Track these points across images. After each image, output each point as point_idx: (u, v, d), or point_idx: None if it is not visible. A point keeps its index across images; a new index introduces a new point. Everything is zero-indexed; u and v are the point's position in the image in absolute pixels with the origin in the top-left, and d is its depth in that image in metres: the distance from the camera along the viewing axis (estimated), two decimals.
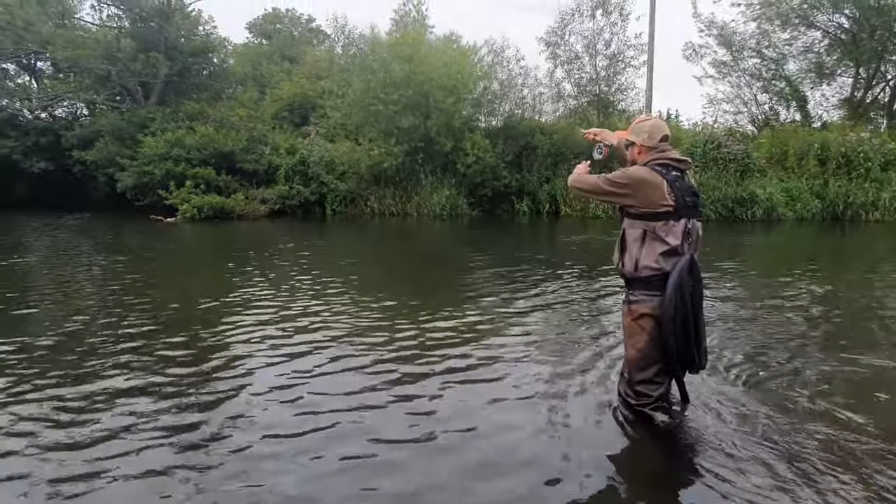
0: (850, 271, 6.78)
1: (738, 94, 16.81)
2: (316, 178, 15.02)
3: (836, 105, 16.42)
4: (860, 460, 2.17)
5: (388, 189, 14.53)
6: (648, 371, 2.43)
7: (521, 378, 3.07)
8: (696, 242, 2.37)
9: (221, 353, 3.52)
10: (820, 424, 2.45)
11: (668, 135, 2.37)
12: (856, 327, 4.15)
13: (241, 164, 14.87)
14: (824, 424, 2.44)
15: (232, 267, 6.84)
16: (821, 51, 15.63)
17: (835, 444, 2.28)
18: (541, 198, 13.66)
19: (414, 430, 2.47)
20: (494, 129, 14.23)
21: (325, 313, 4.45)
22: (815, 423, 2.46)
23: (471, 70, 14.12)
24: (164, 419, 2.55)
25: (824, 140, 13.08)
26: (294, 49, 23.86)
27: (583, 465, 2.19)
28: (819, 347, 3.63)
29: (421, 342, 3.70)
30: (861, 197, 12.40)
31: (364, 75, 14.22)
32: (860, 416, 2.53)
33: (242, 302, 4.89)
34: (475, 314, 4.41)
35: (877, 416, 2.53)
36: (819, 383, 2.96)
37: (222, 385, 2.96)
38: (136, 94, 16.49)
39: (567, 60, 13.35)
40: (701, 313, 2.40)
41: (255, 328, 4.03)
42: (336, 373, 3.16)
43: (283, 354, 3.44)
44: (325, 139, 15.94)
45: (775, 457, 2.19)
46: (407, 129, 13.37)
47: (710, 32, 16.40)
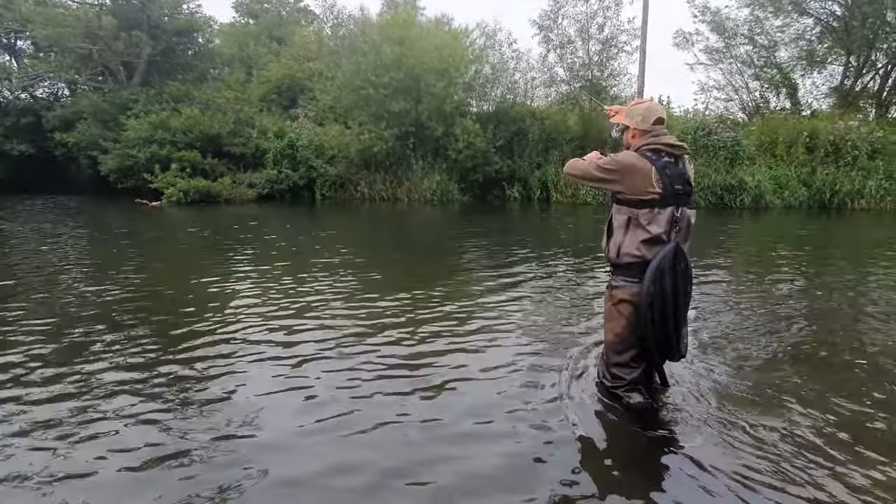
0: (833, 259, 6.85)
1: (730, 82, 16.82)
2: (305, 162, 14.81)
3: (825, 93, 16.51)
4: (836, 440, 2.20)
5: (378, 174, 14.39)
6: (624, 355, 2.47)
7: (504, 357, 3.09)
8: (686, 231, 2.34)
9: (209, 337, 3.46)
10: (795, 406, 2.47)
11: (662, 118, 2.32)
12: (835, 314, 4.19)
13: (228, 147, 14.63)
14: (800, 406, 2.47)
15: (219, 251, 6.75)
16: (812, 38, 15.64)
17: (810, 425, 2.31)
18: (532, 184, 13.62)
19: (394, 407, 2.47)
20: (486, 113, 14.10)
21: (313, 297, 4.40)
22: (790, 405, 2.49)
23: (462, 54, 13.92)
24: (153, 405, 2.50)
25: (813, 128, 13.15)
26: (282, 30, 23.32)
27: (558, 443, 2.23)
28: (798, 333, 3.66)
29: (412, 327, 3.67)
30: (847, 185, 12.51)
31: (354, 57, 13.97)
32: (839, 398, 2.56)
33: (228, 286, 4.81)
34: (464, 298, 4.39)
35: (854, 399, 2.57)
36: (796, 366, 2.99)
37: (212, 370, 2.91)
38: (118, 75, 16.06)
39: (560, 45, 13.21)
40: (684, 302, 2.37)
41: (243, 312, 3.98)
42: (325, 357, 3.12)
43: (272, 340, 3.40)
44: (314, 122, 15.70)
45: (753, 438, 2.21)
46: (397, 113, 13.19)
47: (704, 18, 16.32)
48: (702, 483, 1.97)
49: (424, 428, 2.34)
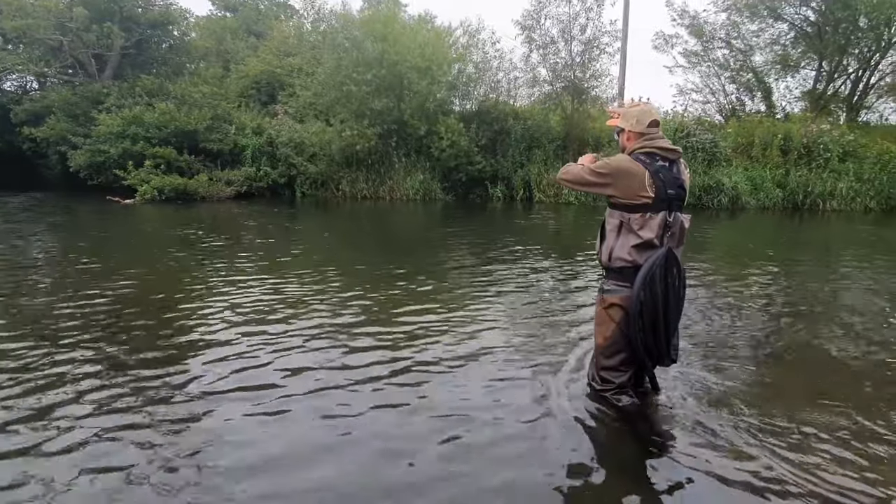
0: (807, 259, 7.01)
1: (707, 84, 17.14)
2: (284, 159, 14.54)
3: (798, 97, 16.94)
4: (824, 439, 2.21)
5: (360, 172, 14.21)
6: (614, 359, 2.48)
7: (489, 359, 3.07)
8: (679, 236, 2.33)
9: (184, 339, 3.33)
10: (782, 407, 2.49)
11: (657, 120, 2.31)
12: (815, 313, 4.26)
13: (205, 143, 14.24)
14: (786, 407, 2.49)
15: (194, 249, 6.55)
16: (786, 43, 16.03)
17: (799, 426, 2.32)
18: (515, 183, 13.63)
19: (383, 411, 2.42)
20: (468, 112, 14.05)
21: (294, 298, 4.29)
22: (777, 406, 2.50)
23: (446, 52, 13.83)
24: (127, 406, 2.38)
25: (787, 131, 13.46)
26: (261, 24, 22.85)
27: (546, 446, 2.22)
28: (782, 332, 3.72)
29: (394, 329, 3.60)
30: (819, 187, 12.84)
31: (335, 53, 13.74)
32: (824, 398, 2.59)
33: (205, 285, 4.67)
34: (447, 300, 4.33)
35: (841, 398, 2.60)
36: (782, 367, 3.02)
37: (186, 376, 2.79)
38: (89, 68, 15.50)
39: (542, 45, 13.22)
40: (676, 308, 2.37)
41: (220, 313, 3.85)
42: (305, 357, 3.03)
43: (251, 342, 3.29)
44: (294, 119, 15.41)
45: (743, 440, 2.22)
46: (380, 110, 13.03)
47: (682, 22, 16.59)
48: (692, 486, 1.97)
49: (408, 438, 2.28)
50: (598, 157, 2.46)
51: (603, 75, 13.62)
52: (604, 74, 13.68)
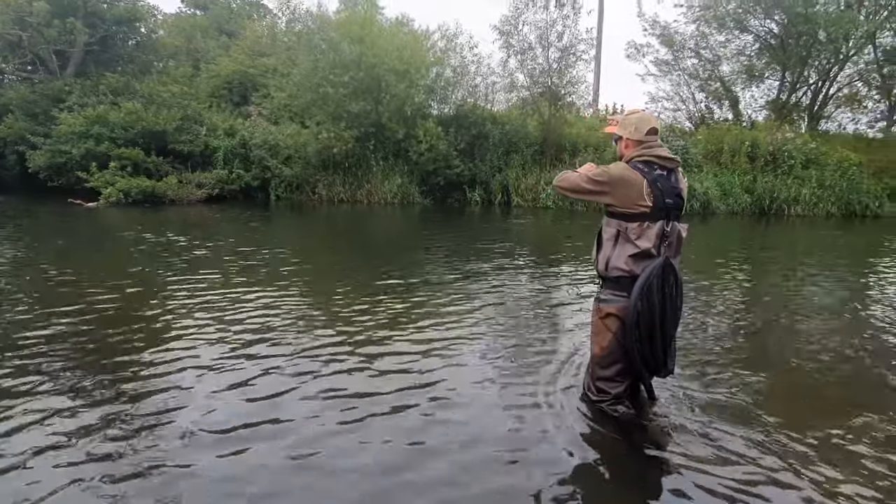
0: (785, 262, 7.23)
1: (678, 93, 17.63)
2: (258, 161, 14.19)
3: (762, 106, 17.59)
4: (818, 447, 2.23)
5: (337, 175, 14.01)
6: (610, 369, 2.45)
7: (475, 369, 3.01)
8: (676, 245, 2.32)
9: (153, 349, 3.15)
10: (777, 415, 2.51)
11: (655, 128, 2.29)
12: (802, 318, 4.37)
13: (174, 144, 13.78)
14: (781, 415, 2.51)
15: (162, 254, 6.27)
16: (752, 54, 16.63)
17: (792, 433, 2.34)
18: (493, 187, 13.67)
19: (359, 425, 2.33)
20: (447, 116, 14.03)
21: (267, 305, 4.13)
22: (772, 414, 2.52)
23: (424, 55, 13.79)
24: (96, 416, 2.21)
25: (754, 138, 13.95)
26: (232, 23, 22.33)
27: (542, 457, 2.18)
28: (770, 337, 3.78)
29: (372, 334, 3.50)
30: (785, 192, 13.34)
31: (311, 55, 13.52)
32: (816, 405, 2.62)
33: (174, 291, 4.46)
34: (427, 304, 4.26)
35: (832, 404, 2.64)
36: (774, 374, 3.06)
37: (157, 387, 2.63)
38: (50, 64, 14.82)
39: (520, 50, 13.34)
40: (672, 318, 2.34)
41: (190, 317, 3.66)
42: (281, 368, 2.90)
43: (224, 352, 3.13)
44: (268, 121, 15.08)
45: (742, 449, 2.21)
46: (357, 113, 12.88)
47: (654, 31, 17.03)
48: (690, 496, 1.95)
49: (400, 450, 2.19)
50: (599, 165, 2.43)
51: (579, 82, 13.86)
52: (580, 81, 13.92)
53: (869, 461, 2.16)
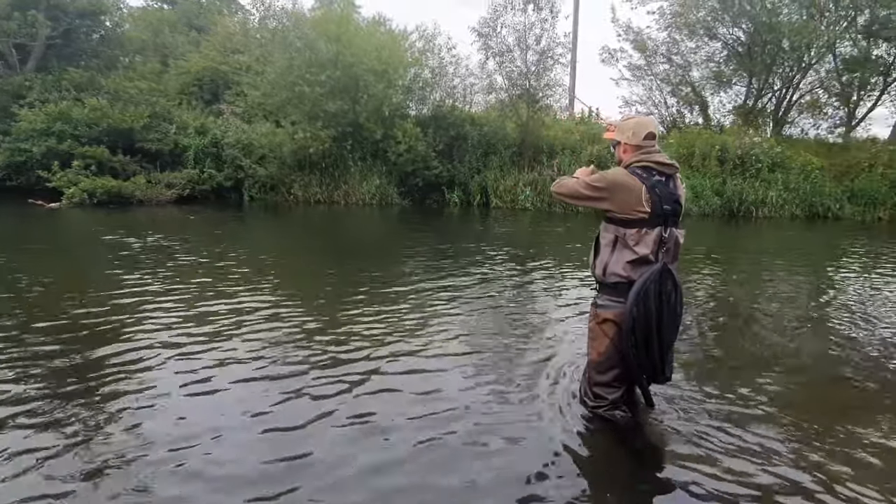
0: (773, 262, 7.45)
1: (650, 97, 18.01)
2: (231, 161, 13.82)
3: (730, 111, 18.14)
4: (816, 447, 2.28)
5: (313, 175, 13.76)
6: (607, 375, 2.45)
7: (464, 379, 2.98)
8: (674, 251, 2.32)
9: (119, 360, 3.00)
10: (772, 417, 2.55)
11: (653, 133, 2.29)
12: (791, 321, 4.49)
13: (142, 143, 13.28)
14: (776, 416, 2.56)
15: (129, 258, 6.01)
16: (720, 61, 17.13)
17: (785, 434, 2.39)
18: (472, 189, 13.67)
19: (352, 437, 2.28)
20: (425, 117, 13.96)
21: (240, 309, 4.00)
22: (768, 416, 2.57)
23: (402, 55, 13.69)
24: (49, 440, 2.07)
25: (724, 142, 14.36)
26: (202, 18, 21.67)
27: (539, 463, 2.17)
28: (765, 341, 3.86)
29: (349, 337, 3.42)
30: (752, 195, 13.78)
31: (287, 53, 13.24)
32: (808, 404, 2.68)
33: (141, 298, 4.27)
34: (407, 307, 4.20)
35: (829, 404, 2.71)
36: (766, 375, 3.12)
37: (123, 401, 2.50)
38: (9, 59, 14.07)
39: (499, 52, 13.38)
40: (670, 324, 2.34)
41: (159, 327, 3.51)
42: (253, 376, 2.80)
43: (194, 362, 3.01)
44: (241, 119, 14.70)
45: (743, 454, 2.24)
46: (334, 112, 12.68)
47: (627, 37, 17.36)
48: (687, 501, 1.96)
49: (393, 460, 2.13)
50: (594, 169, 2.42)
51: (557, 85, 13.98)
52: (557, 84, 14.04)
53: (866, 459, 2.21)
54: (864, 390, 2.97)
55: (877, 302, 5.00)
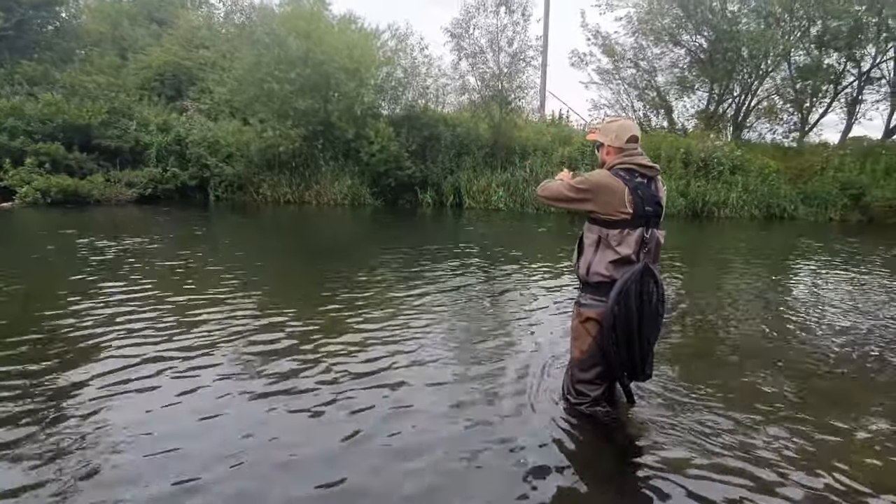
0: (739, 260, 7.73)
1: (618, 101, 18.44)
2: (196, 160, 13.41)
3: (692, 115, 18.78)
4: (790, 439, 2.37)
5: (283, 175, 13.49)
6: (589, 372, 2.50)
7: (443, 374, 2.98)
8: (655, 252, 2.37)
9: (73, 371, 2.85)
10: (751, 410, 2.64)
11: (636, 135, 2.34)
12: (760, 314, 4.66)
13: (100, 140, 12.72)
14: (756, 410, 2.65)
15: (85, 262, 5.72)
16: (684, 67, 17.71)
17: (764, 426, 2.47)
18: (445, 189, 13.68)
19: (330, 438, 2.24)
20: (398, 117, 13.88)
21: (205, 315, 3.87)
22: (745, 410, 2.65)
23: (374, 54, 13.57)
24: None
25: (688, 145, 14.85)
26: (163, 11, 20.89)
27: (523, 459, 2.20)
28: (732, 334, 4.00)
29: (322, 341, 3.37)
30: (714, 196, 14.30)
31: (254, 49, 12.91)
32: (788, 397, 2.79)
33: (100, 304, 4.08)
34: (383, 311, 4.16)
35: (805, 397, 2.81)
36: (750, 371, 3.23)
37: (75, 414, 2.38)
38: None
39: (471, 54, 13.44)
40: (651, 323, 2.39)
41: (119, 333, 3.36)
42: (217, 383, 2.72)
43: (154, 371, 2.90)
44: (206, 117, 14.26)
45: (713, 445, 2.31)
46: (304, 111, 12.45)
47: (596, 42, 17.73)
48: (669, 493, 2.02)
49: (387, 453, 2.10)
50: (576, 172, 2.46)
51: (529, 87, 14.15)
52: (529, 86, 14.21)
53: (857, 457, 2.31)
54: (833, 378, 3.11)
55: (834, 297, 5.26)
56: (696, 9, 15.92)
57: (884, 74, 16.37)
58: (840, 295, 5.44)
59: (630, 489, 2.06)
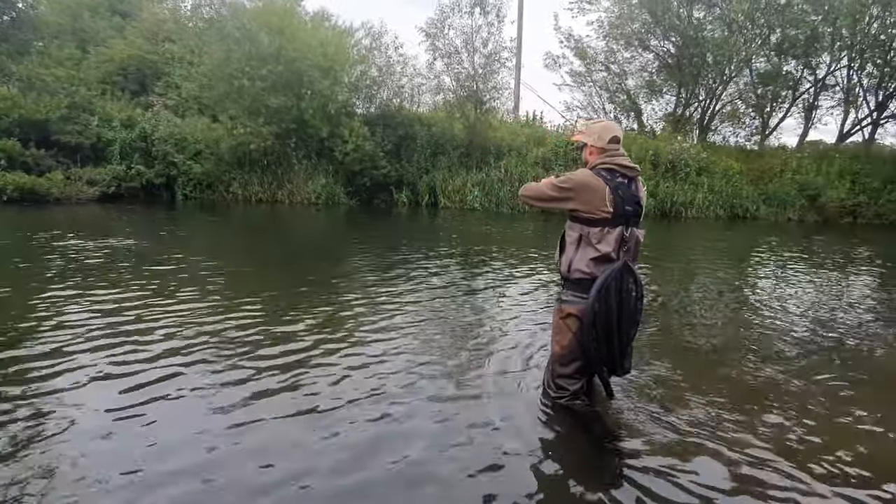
0: (710, 261, 7.98)
1: (590, 103, 18.84)
2: (163, 157, 12.99)
3: (660, 118, 19.34)
4: (759, 429, 2.46)
5: (254, 173, 13.21)
6: (569, 367, 2.55)
7: (423, 374, 2.98)
8: (634, 250, 2.43)
9: (34, 380, 2.73)
10: (726, 402, 2.74)
11: (618, 136, 2.39)
12: (742, 311, 4.82)
13: (59, 136, 12.18)
14: (727, 403, 2.74)
15: (41, 265, 5.46)
16: (652, 71, 18.23)
17: (739, 420, 2.57)
18: (420, 189, 13.66)
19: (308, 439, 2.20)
20: (373, 116, 13.79)
21: (172, 316, 3.76)
22: (722, 401, 2.75)
23: (348, 52, 13.43)
24: None
25: (656, 147, 15.27)
26: (126, 3, 20.14)
27: (505, 451, 2.23)
28: (715, 329, 4.12)
29: (300, 343, 3.32)
30: (682, 197, 14.74)
31: (224, 44, 12.60)
32: (762, 390, 2.89)
33: (58, 307, 3.91)
34: (359, 310, 4.14)
35: (781, 390, 2.92)
36: (723, 364, 3.34)
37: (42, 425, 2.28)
38: None
39: (446, 54, 13.48)
40: (629, 319, 2.45)
41: (81, 339, 3.24)
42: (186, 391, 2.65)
43: (121, 373, 2.81)
44: (173, 113, 13.82)
45: (689, 435, 2.38)
46: (276, 108, 12.22)
47: (569, 44, 18.06)
48: (645, 481, 2.09)
49: (368, 452, 2.08)
50: (558, 174, 2.51)
51: (503, 88, 14.27)
52: (504, 87, 14.34)
53: (820, 447, 2.42)
54: (797, 368, 3.25)
55: (796, 292, 5.51)
56: (664, 15, 16.39)
57: (838, 81, 17.25)
58: (803, 289, 5.70)
59: (605, 478, 2.12)
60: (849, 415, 2.67)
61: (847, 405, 2.78)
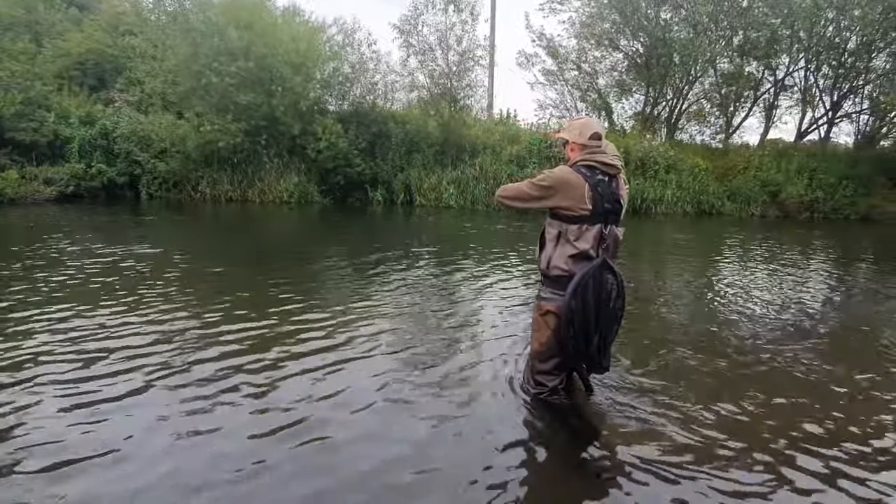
0: (705, 257, 8.17)
1: (563, 101, 19.07)
2: (125, 155, 12.51)
3: (630, 116, 19.74)
4: (735, 419, 2.52)
5: (223, 172, 12.84)
6: (548, 363, 2.57)
7: (401, 371, 2.96)
8: (613, 248, 2.44)
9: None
10: (703, 395, 2.80)
11: (599, 133, 2.39)
12: (706, 306, 4.94)
13: (13, 133, 11.61)
14: (703, 399, 2.81)
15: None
16: (622, 70, 18.58)
17: (715, 414, 2.63)
18: (395, 187, 13.55)
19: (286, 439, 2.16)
20: (346, 113, 13.59)
21: (136, 322, 3.62)
22: (700, 394, 2.80)
23: (320, 49, 13.19)
24: None
25: (627, 145, 15.57)
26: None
27: (486, 447, 2.24)
28: (691, 325, 4.21)
29: (272, 344, 3.24)
30: (652, 193, 15.08)
31: (189, 37, 12.19)
32: (733, 386, 2.96)
33: (17, 316, 3.71)
34: (334, 310, 4.07)
35: (751, 381, 3.00)
36: (700, 358, 3.41)
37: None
38: None
39: (420, 51, 13.40)
40: (608, 317, 2.45)
41: (37, 363, 3.07)
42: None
43: (79, 378, 2.67)
44: (135, 109, 13.30)
45: (667, 427, 2.42)
46: (246, 105, 11.90)
47: (541, 43, 18.23)
48: (624, 473, 2.11)
49: (348, 458, 2.04)
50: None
51: (477, 86, 14.29)
52: (479, 85, 14.35)
53: (771, 417, 2.49)
54: (767, 357, 3.35)
55: (764, 284, 5.70)
56: (633, 15, 16.72)
57: (796, 82, 17.96)
58: (768, 281, 5.90)
59: (583, 471, 2.14)
60: (821, 397, 2.77)
61: (817, 388, 2.88)
